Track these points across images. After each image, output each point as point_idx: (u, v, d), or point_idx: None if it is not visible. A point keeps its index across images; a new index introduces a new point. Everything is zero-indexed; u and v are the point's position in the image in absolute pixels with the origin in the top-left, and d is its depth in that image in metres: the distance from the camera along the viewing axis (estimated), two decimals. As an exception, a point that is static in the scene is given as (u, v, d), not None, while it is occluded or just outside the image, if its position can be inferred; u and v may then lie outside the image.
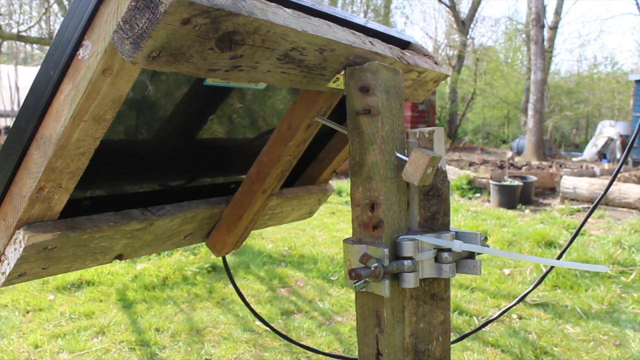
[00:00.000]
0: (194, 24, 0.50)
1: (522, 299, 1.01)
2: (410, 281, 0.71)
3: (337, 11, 0.84)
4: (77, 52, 0.57)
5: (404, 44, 1.00)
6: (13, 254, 0.66)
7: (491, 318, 1.05)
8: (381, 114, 0.70)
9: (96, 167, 0.70)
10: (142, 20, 0.48)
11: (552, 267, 1.15)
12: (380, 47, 0.80)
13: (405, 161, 0.70)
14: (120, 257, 0.84)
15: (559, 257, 1.12)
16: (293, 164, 0.96)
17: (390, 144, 0.72)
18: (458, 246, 0.72)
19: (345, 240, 0.75)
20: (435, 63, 1.01)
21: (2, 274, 0.68)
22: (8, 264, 0.67)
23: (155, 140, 0.90)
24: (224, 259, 1.14)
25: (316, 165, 1.21)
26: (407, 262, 0.71)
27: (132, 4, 0.49)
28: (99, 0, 0.54)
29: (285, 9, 0.63)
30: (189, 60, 0.53)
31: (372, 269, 0.69)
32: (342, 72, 0.75)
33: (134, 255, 0.87)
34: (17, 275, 0.68)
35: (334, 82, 0.77)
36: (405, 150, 0.77)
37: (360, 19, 0.89)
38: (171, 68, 0.52)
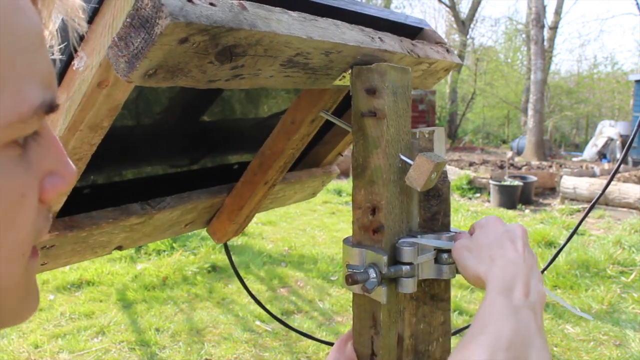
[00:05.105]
0: (192, 42, 0.49)
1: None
2: (408, 286, 0.71)
3: (347, 4, 0.81)
4: (72, 63, 0.56)
5: (416, 31, 0.99)
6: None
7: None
8: (387, 117, 0.69)
9: (94, 154, 0.68)
10: (137, 39, 0.47)
11: (548, 266, 1.17)
12: (389, 42, 0.78)
13: (410, 164, 0.69)
14: (119, 248, 0.85)
15: (554, 258, 1.14)
16: (296, 156, 0.95)
17: (395, 147, 0.71)
18: (458, 247, 0.72)
19: (345, 241, 0.74)
20: (447, 51, 0.98)
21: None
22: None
23: (155, 124, 0.89)
24: (226, 248, 1.14)
25: (320, 148, 1.19)
26: (405, 268, 0.70)
27: (128, 20, 0.48)
28: (93, 10, 0.52)
29: (290, 13, 0.61)
30: (187, 75, 0.52)
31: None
32: (349, 71, 0.73)
33: (133, 245, 0.88)
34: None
35: (339, 79, 0.75)
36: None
37: (371, 9, 0.86)
38: (169, 83, 0.51)
